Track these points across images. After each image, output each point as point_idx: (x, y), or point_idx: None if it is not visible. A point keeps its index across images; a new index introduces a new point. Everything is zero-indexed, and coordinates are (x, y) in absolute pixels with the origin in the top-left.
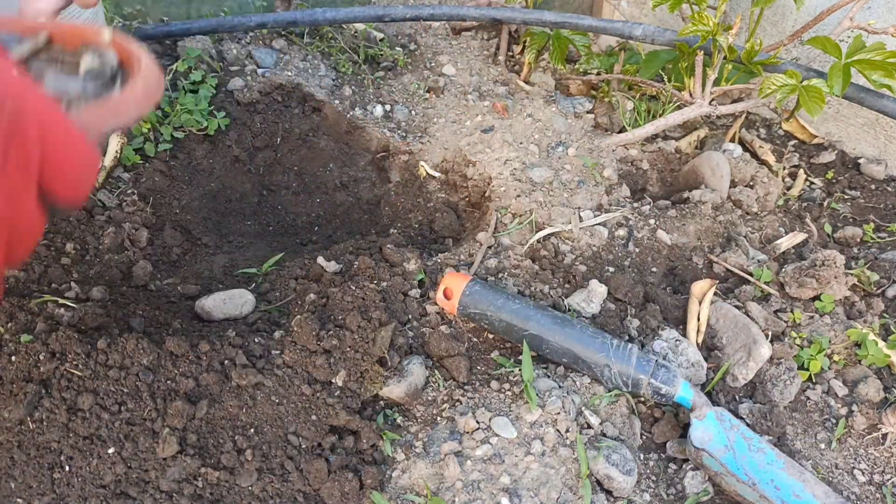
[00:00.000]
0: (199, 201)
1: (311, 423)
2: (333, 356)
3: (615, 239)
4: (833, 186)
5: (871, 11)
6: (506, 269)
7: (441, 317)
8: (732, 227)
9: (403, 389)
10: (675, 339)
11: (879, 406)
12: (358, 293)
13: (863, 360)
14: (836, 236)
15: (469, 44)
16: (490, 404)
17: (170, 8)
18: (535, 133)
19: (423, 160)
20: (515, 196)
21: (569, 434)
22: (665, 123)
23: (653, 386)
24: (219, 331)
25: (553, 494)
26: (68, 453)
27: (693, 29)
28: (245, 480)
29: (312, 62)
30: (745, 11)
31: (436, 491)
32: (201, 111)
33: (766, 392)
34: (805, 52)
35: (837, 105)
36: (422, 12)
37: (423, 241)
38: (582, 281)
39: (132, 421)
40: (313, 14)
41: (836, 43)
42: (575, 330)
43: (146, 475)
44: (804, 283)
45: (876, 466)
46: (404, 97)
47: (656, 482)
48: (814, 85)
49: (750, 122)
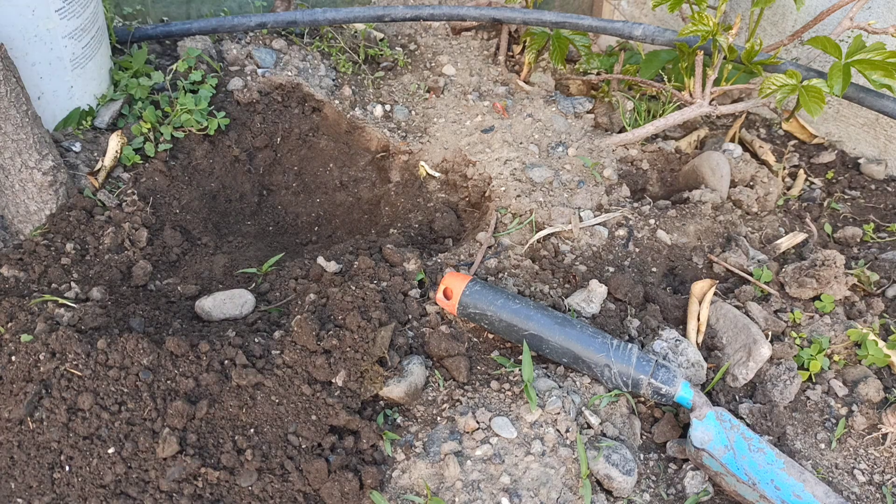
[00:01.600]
0: (199, 201)
1: (311, 423)
2: (333, 356)
3: (615, 239)
4: (833, 186)
5: (871, 11)
6: (506, 269)
7: (441, 317)
8: (732, 227)
9: (403, 389)
10: (675, 339)
11: (879, 406)
12: (358, 293)
13: (863, 360)
14: (836, 236)
15: (469, 44)
16: (490, 404)
17: (170, 8)
18: (535, 133)
19: (423, 160)
20: (515, 196)
21: (569, 434)
22: (665, 123)
23: (653, 386)
24: (219, 331)
25: (553, 494)
26: (68, 453)
27: (693, 29)
28: (245, 480)
29: (312, 62)
30: (745, 11)
31: (436, 491)
32: (201, 111)
33: (766, 392)
34: (805, 52)
35: (837, 105)
36: (422, 12)
37: (423, 241)
38: (582, 281)
39: (132, 421)
40: (313, 14)
41: (836, 43)
42: (575, 330)
43: (146, 475)
44: (804, 283)
45: (876, 466)
46: (404, 97)
47: (656, 482)
48: (814, 85)
49: (750, 122)
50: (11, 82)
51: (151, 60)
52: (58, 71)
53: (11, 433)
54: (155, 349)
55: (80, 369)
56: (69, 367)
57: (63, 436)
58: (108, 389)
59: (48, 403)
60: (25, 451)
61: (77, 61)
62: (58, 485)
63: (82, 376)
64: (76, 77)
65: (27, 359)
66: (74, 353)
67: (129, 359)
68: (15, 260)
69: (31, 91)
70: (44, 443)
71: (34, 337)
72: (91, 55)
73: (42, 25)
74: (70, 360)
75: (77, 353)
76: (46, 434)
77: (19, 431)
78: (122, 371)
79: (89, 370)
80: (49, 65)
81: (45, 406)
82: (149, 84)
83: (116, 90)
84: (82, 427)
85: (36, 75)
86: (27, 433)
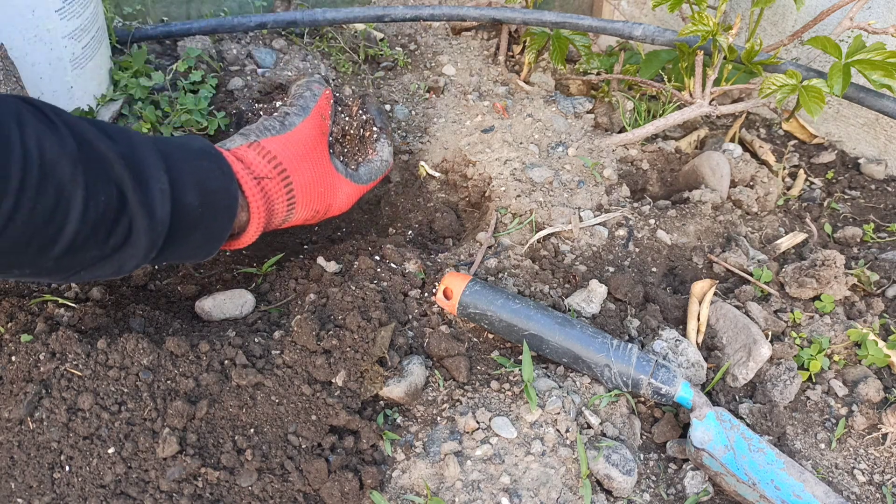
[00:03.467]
0: None
1: (311, 423)
2: (333, 356)
3: (615, 239)
4: (833, 186)
5: (871, 11)
6: (506, 269)
7: (441, 317)
8: (732, 227)
9: (403, 389)
10: (675, 339)
11: (879, 406)
12: (358, 293)
13: (863, 360)
14: (836, 236)
15: (469, 44)
16: (490, 404)
17: (170, 8)
18: (535, 133)
19: (423, 160)
20: (515, 196)
21: (569, 434)
22: (665, 123)
23: (653, 386)
24: (219, 331)
25: (553, 494)
26: (68, 453)
27: (693, 29)
28: (245, 480)
29: (312, 62)
30: (745, 11)
31: (436, 491)
32: (201, 111)
33: (766, 392)
34: (805, 52)
35: (837, 105)
36: (422, 12)
37: (423, 241)
38: (582, 281)
39: (132, 421)
40: (313, 14)
41: (836, 43)
42: (575, 330)
43: (146, 475)
44: (804, 283)
45: (876, 466)
46: (404, 97)
47: (656, 482)
48: (814, 85)
49: (750, 122)
50: (11, 82)
51: (151, 60)
52: (58, 71)
53: (11, 433)
54: (155, 349)
55: (80, 369)
56: (69, 367)
57: (63, 436)
58: (108, 389)
59: (48, 403)
60: (25, 451)
61: (77, 61)
62: (58, 485)
63: (82, 376)
64: (76, 77)
65: (27, 359)
66: (74, 354)
67: (129, 359)
68: None
69: (31, 91)
70: (44, 443)
71: (34, 337)
72: (91, 55)
73: (42, 25)
74: (70, 360)
75: (77, 353)
76: (46, 434)
77: (19, 431)
78: (122, 371)
79: (89, 370)
80: (49, 65)
81: (45, 406)
82: (149, 84)
83: (116, 90)
84: (82, 427)
85: (36, 76)
86: (27, 433)
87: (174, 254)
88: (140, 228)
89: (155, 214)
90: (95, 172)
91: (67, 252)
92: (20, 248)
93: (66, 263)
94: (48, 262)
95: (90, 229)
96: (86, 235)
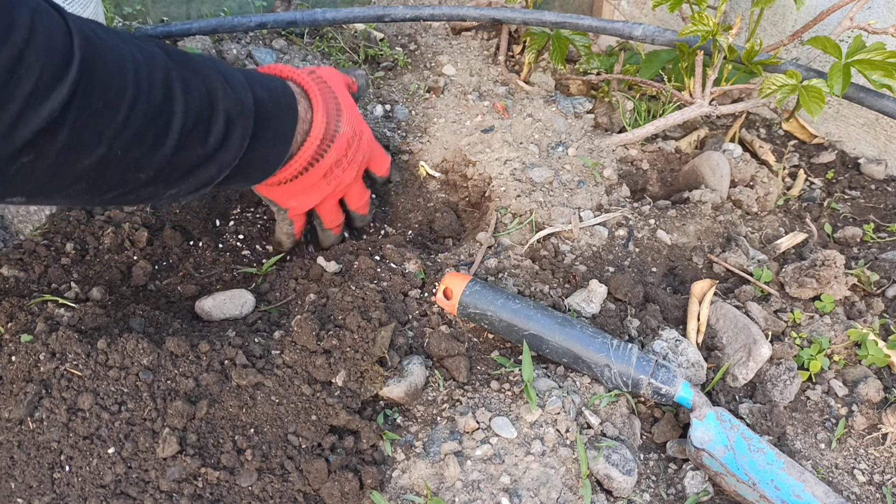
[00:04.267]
0: (199, 201)
1: (311, 423)
2: (333, 356)
3: (615, 239)
4: (833, 186)
5: (871, 11)
6: (506, 269)
7: (441, 317)
8: (732, 227)
9: (403, 389)
10: (675, 339)
11: (879, 406)
12: (358, 293)
13: (863, 360)
14: (836, 236)
15: (469, 44)
16: (490, 404)
17: (170, 8)
18: (535, 133)
19: (423, 160)
20: (515, 196)
21: (569, 434)
22: (665, 123)
23: (653, 386)
24: (219, 331)
25: (553, 494)
26: (68, 453)
27: (693, 29)
28: (245, 480)
29: (312, 62)
30: (745, 11)
31: (436, 491)
32: None
33: (766, 392)
34: (805, 52)
35: (837, 105)
36: (422, 12)
37: (423, 241)
38: (582, 281)
39: (132, 421)
40: (313, 14)
41: (836, 43)
42: (575, 330)
43: (146, 475)
44: (804, 283)
45: (876, 466)
46: (404, 97)
47: (656, 482)
48: (814, 85)
49: (750, 122)
50: None
51: None
52: None
53: (11, 433)
54: (155, 349)
55: (80, 369)
56: (69, 367)
57: (63, 436)
58: (108, 389)
59: (48, 403)
60: (25, 451)
61: None
62: (58, 485)
63: (82, 376)
64: None
65: (27, 359)
66: (74, 354)
67: (129, 359)
68: (15, 260)
69: None
70: (44, 443)
71: (34, 337)
72: None
73: None
74: (70, 360)
75: (77, 353)
76: (46, 434)
77: (19, 431)
78: (122, 371)
79: (89, 370)
80: None
81: (45, 406)
82: None
83: None
84: (82, 427)
85: None
86: (27, 433)
87: (256, 154)
88: (234, 116)
89: (244, 103)
90: (184, 69)
91: (177, 149)
92: (140, 140)
93: (177, 162)
94: (163, 160)
95: (192, 123)
96: (188, 129)
